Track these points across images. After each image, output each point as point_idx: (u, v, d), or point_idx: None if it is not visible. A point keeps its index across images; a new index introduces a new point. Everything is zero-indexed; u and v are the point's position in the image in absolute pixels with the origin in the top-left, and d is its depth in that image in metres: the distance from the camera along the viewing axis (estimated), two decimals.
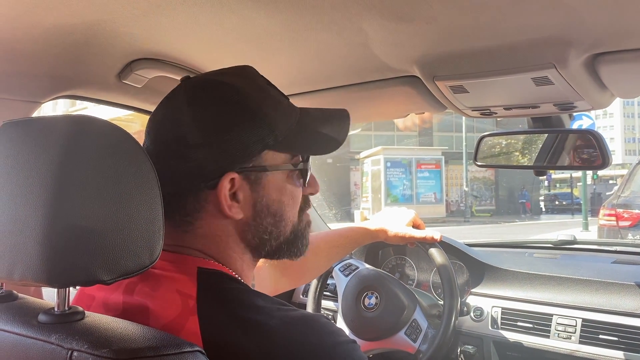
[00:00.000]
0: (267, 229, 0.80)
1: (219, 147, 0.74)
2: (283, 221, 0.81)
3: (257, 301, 0.71)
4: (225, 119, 0.75)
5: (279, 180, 0.80)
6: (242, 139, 0.75)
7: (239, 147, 0.75)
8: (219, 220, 0.77)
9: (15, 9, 0.85)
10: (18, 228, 0.59)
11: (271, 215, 0.80)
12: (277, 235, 0.81)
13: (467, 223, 20.00)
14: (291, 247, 0.85)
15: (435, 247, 1.50)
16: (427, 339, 1.46)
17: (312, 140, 0.83)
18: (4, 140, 0.65)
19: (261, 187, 0.78)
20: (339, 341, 0.70)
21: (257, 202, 0.78)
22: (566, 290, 1.50)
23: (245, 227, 0.79)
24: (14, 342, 0.60)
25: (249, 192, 0.77)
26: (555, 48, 0.95)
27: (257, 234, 0.80)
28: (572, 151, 1.38)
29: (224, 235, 0.78)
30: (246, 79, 0.81)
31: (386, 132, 24.15)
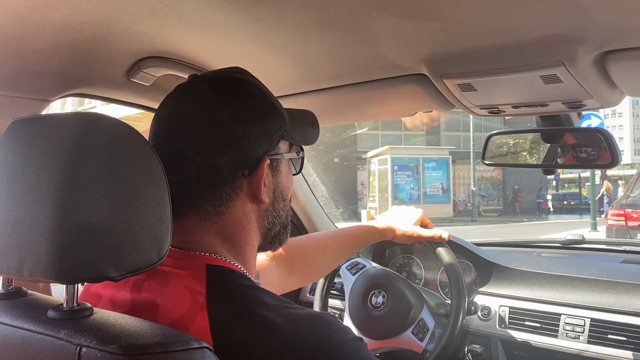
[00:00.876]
0: (279, 213, 0.87)
1: (256, 136, 0.79)
2: (287, 205, 0.89)
3: (266, 299, 0.71)
4: (256, 111, 0.81)
5: (286, 166, 0.88)
6: (270, 129, 0.82)
7: (268, 136, 0.81)
8: (247, 208, 0.82)
9: (24, 7, 0.86)
10: (27, 225, 0.59)
11: (282, 199, 0.87)
12: (283, 219, 0.89)
13: (474, 223, 19.93)
14: (284, 233, 0.91)
15: (442, 246, 1.50)
16: (434, 338, 1.46)
17: (303, 131, 0.91)
18: (13, 137, 0.66)
19: (278, 173, 0.86)
20: (346, 339, 0.70)
21: (276, 187, 0.86)
22: (574, 290, 1.49)
23: (264, 213, 0.85)
24: (24, 338, 0.61)
25: (272, 178, 0.84)
26: (564, 46, 0.95)
27: (272, 219, 0.86)
28: (581, 150, 1.37)
29: (247, 222, 0.83)
30: (252, 77, 0.86)
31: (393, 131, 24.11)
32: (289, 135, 0.86)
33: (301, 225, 2.04)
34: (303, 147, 0.94)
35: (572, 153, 1.38)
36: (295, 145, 0.90)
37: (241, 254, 0.82)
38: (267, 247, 0.90)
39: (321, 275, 1.60)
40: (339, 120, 1.87)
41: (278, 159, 0.85)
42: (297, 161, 0.92)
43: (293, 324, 0.68)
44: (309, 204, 2.02)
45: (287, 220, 0.91)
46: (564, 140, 1.39)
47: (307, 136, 0.93)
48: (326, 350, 0.67)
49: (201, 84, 0.82)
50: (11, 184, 0.62)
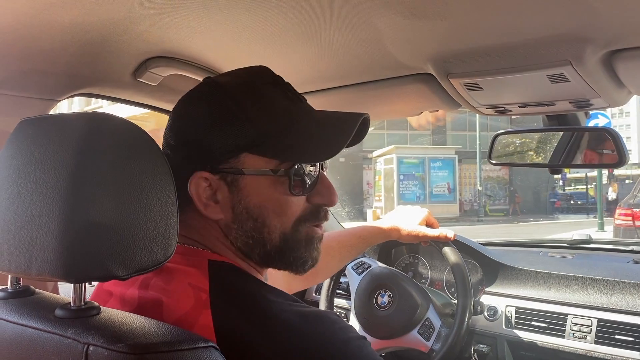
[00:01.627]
0: (249, 234, 0.78)
1: (195, 146, 0.76)
2: (266, 227, 0.78)
3: (269, 296, 0.71)
4: (205, 119, 0.77)
5: (261, 184, 0.77)
6: (218, 140, 0.75)
7: (213, 148, 0.76)
8: (203, 219, 0.78)
9: (33, 7, 0.86)
10: (35, 224, 0.59)
11: (252, 219, 0.77)
12: (262, 241, 0.78)
13: (480, 222, 19.88)
14: (283, 258, 0.81)
15: (448, 246, 1.49)
16: (440, 338, 1.46)
17: (302, 145, 0.77)
18: (21, 137, 0.66)
19: (239, 190, 0.77)
20: (350, 337, 0.70)
21: (236, 204, 0.77)
22: (581, 290, 1.48)
23: (228, 229, 0.79)
24: (32, 336, 0.61)
25: (228, 193, 0.77)
26: (571, 45, 0.94)
27: (240, 238, 0.79)
28: (588, 149, 1.37)
29: (212, 230, 0.79)
30: (243, 79, 0.81)
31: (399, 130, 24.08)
32: (265, 149, 0.76)
33: None
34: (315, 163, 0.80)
35: (579, 153, 1.38)
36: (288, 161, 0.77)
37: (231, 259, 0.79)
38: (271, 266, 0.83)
39: (326, 276, 1.60)
40: None
41: (234, 174, 0.76)
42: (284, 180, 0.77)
43: (297, 321, 0.68)
44: None
45: (283, 244, 0.79)
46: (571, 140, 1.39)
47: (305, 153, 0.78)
48: (330, 348, 0.67)
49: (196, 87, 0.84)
50: (19, 184, 0.63)
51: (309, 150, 0.78)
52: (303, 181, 0.79)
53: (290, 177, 0.77)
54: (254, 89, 0.79)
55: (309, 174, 0.80)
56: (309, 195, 0.81)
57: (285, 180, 0.77)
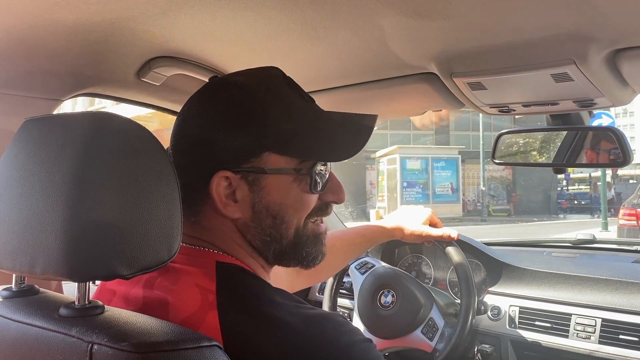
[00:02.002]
0: (267, 231, 0.79)
1: (215, 145, 0.76)
2: (284, 224, 0.80)
3: (276, 297, 0.71)
4: (225, 119, 0.77)
5: (283, 183, 0.78)
6: (239, 139, 0.76)
7: (234, 147, 0.76)
8: (219, 217, 0.78)
9: (37, 7, 0.86)
10: (40, 223, 0.60)
11: (271, 217, 0.79)
12: (279, 237, 0.80)
13: (484, 222, 19.84)
14: (296, 254, 0.83)
15: (452, 246, 1.49)
16: (443, 337, 1.46)
17: (323, 145, 0.80)
18: (25, 136, 0.66)
19: (260, 189, 0.77)
20: (356, 340, 0.70)
21: (256, 203, 0.78)
22: (585, 290, 1.48)
23: (245, 228, 0.79)
24: (36, 335, 0.61)
25: (248, 192, 0.77)
26: (575, 44, 0.94)
27: (258, 236, 0.79)
28: (591, 149, 1.36)
29: (228, 231, 0.79)
30: (258, 79, 0.81)
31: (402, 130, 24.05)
32: (286, 149, 0.77)
33: None
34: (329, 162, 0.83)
35: (583, 152, 1.37)
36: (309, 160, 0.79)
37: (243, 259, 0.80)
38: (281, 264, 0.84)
39: (329, 275, 1.60)
40: None
41: (256, 173, 0.77)
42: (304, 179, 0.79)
43: (303, 323, 0.68)
44: None
45: (297, 239, 0.81)
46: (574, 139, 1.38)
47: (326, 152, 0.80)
48: (336, 351, 0.67)
49: (205, 85, 0.83)
50: (23, 183, 0.63)
51: (330, 150, 0.80)
52: (321, 178, 0.81)
53: (312, 176, 0.79)
54: (272, 88, 0.80)
55: (321, 173, 0.82)
56: (322, 192, 0.83)
57: (306, 178, 0.79)
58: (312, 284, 1.83)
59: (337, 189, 0.86)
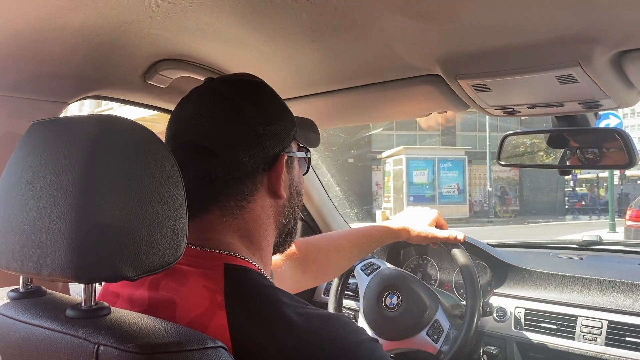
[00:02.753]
0: (294, 209, 0.91)
1: (275, 134, 0.83)
2: (301, 201, 0.93)
3: (283, 298, 0.72)
4: (274, 110, 0.86)
5: (297, 164, 0.91)
6: (287, 127, 0.86)
7: (284, 134, 0.85)
8: (266, 203, 0.85)
9: (44, 11, 0.87)
10: (46, 225, 0.60)
11: (297, 195, 0.91)
12: (296, 215, 0.92)
13: (490, 223, 19.77)
14: (293, 232, 0.93)
15: (458, 247, 1.49)
16: (449, 339, 1.45)
17: (308, 135, 0.95)
18: (33, 139, 0.67)
19: (292, 170, 0.89)
20: (363, 339, 0.70)
21: (291, 183, 0.89)
22: (592, 292, 1.47)
23: (281, 209, 0.88)
24: (43, 336, 0.62)
25: (287, 174, 0.87)
26: (580, 45, 0.94)
27: (288, 215, 0.90)
28: (598, 150, 1.36)
29: (265, 218, 0.85)
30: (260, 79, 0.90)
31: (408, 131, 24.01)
32: (298, 136, 0.90)
33: (315, 226, 2.04)
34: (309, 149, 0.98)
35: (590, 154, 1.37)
36: (303, 146, 0.94)
37: (259, 251, 0.84)
38: (281, 246, 0.92)
39: (335, 275, 1.60)
40: (353, 121, 1.87)
41: (292, 157, 0.88)
42: (305, 161, 0.96)
43: (310, 323, 0.68)
44: (323, 204, 2.03)
45: (298, 216, 0.94)
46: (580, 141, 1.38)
47: (310, 139, 0.97)
48: (343, 351, 0.67)
49: (222, 85, 0.86)
50: (31, 185, 0.63)
51: (312, 139, 0.96)
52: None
53: (310, 159, 0.96)
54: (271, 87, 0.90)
55: None
56: None
57: (306, 161, 0.95)
58: (317, 284, 1.82)
59: None
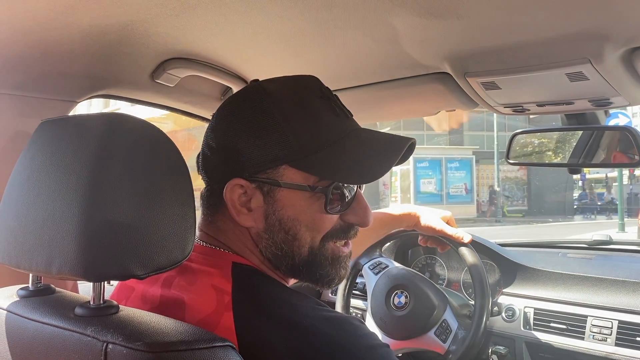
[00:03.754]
0: (279, 245, 0.77)
1: (235, 151, 0.75)
2: (297, 241, 0.77)
3: (292, 299, 0.71)
4: (248, 126, 0.76)
5: (299, 198, 0.76)
6: (258, 149, 0.74)
7: (252, 156, 0.75)
8: (233, 222, 0.78)
9: (52, 10, 0.87)
10: (55, 223, 0.60)
11: (283, 231, 0.77)
12: (291, 254, 0.78)
13: (498, 223, 19.69)
14: (310, 273, 0.80)
15: (466, 247, 1.48)
16: (457, 339, 1.45)
17: (342, 165, 0.76)
18: (42, 137, 0.67)
19: (274, 201, 0.76)
20: (375, 344, 0.69)
21: (269, 214, 0.77)
22: (602, 292, 1.46)
23: (258, 238, 0.79)
24: (52, 334, 0.62)
25: (262, 203, 0.77)
26: (590, 43, 0.93)
27: (270, 248, 0.78)
28: (607, 149, 1.35)
29: (242, 237, 0.79)
30: (289, 88, 0.79)
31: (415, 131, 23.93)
32: (305, 164, 0.75)
33: None
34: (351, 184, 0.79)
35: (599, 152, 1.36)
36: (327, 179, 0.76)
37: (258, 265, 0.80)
38: (300, 279, 0.82)
39: None
40: (361, 119, 1.85)
41: (270, 185, 0.75)
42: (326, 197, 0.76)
43: (319, 326, 0.68)
44: None
45: (311, 258, 0.78)
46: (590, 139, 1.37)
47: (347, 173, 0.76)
48: (355, 354, 0.66)
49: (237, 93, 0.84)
50: (40, 184, 0.64)
51: (351, 172, 0.77)
52: (340, 198, 0.78)
53: (327, 195, 0.76)
54: (301, 100, 0.78)
55: (345, 192, 0.79)
56: (343, 213, 0.80)
57: (322, 196, 0.76)
58: None
59: (361, 211, 0.81)
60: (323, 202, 0.76)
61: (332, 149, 0.76)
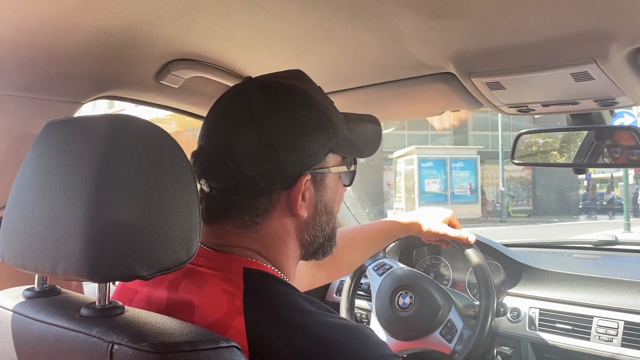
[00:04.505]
0: (322, 227, 0.84)
1: (298, 150, 0.77)
2: (333, 218, 0.86)
3: (304, 305, 0.70)
4: (302, 123, 0.78)
5: (334, 181, 0.84)
6: (316, 142, 0.78)
7: (313, 150, 0.78)
8: (285, 220, 0.80)
9: (57, 12, 0.88)
10: (61, 224, 0.60)
11: (327, 213, 0.84)
12: (327, 232, 0.86)
13: (503, 223, 19.64)
14: (329, 244, 0.88)
15: (471, 247, 1.48)
16: (462, 339, 1.44)
17: (360, 142, 0.87)
18: (47, 139, 0.67)
19: (323, 187, 0.82)
20: (385, 354, 0.69)
21: (319, 201, 0.82)
22: (607, 292, 1.46)
23: (304, 226, 0.82)
24: (58, 335, 0.62)
25: (314, 192, 0.81)
26: (595, 42, 0.92)
27: (313, 232, 0.84)
28: (613, 148, 1.34)
29: (284, 234, 0.81)
30: (308, 83, 0.84)
31: (420, 131, 23.91)
32: (341, 148, 0.83)
33: None
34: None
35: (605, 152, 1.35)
36: (347, 157, 0.87)
37: (278, 262, 0.81)
38: (309, 258, 0.88)
39: (349, 270, 1.59)
40: None
41: (323, 173, 0.81)
42: (348, 174, 0.88)
43: (331, 333, 0.67)
44: None
45: (332, 232, 0.88)
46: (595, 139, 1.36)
47: (363, 148, 0.89)
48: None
49: (252, 89, 0.80)
50: (45, 185, 0.64)
51: (363, 147, 0.89)
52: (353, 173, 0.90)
53: (354, 171, 0.89)
54: (320, 92, 0.84)
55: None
56: None
57: (345, 175, 0.88)
58: (332, 280, 1.82)
59: None
60: (347, 179, 0.88)
61: (350, 130, 0.85)
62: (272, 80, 0.83)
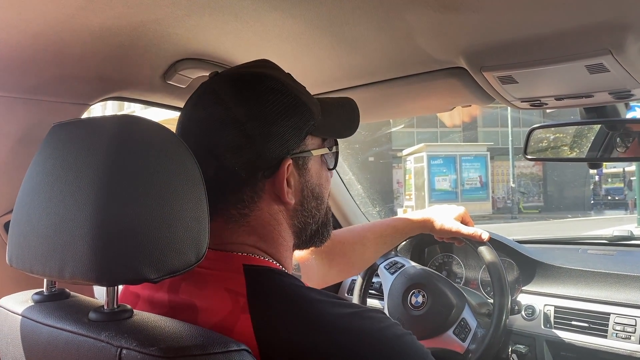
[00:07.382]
0: (312, 212, 0.83)
1: (275, 135, 0.76)
2: (323, 203, 0.86)
3: (312, 295, 0.70)
4: (275, 109, 0.77)
5: (317, 164, 0.84)
6: (292, 126, 0.77)
7: (290, 134, 0.77)
8: (273, 209, 0.79)
9: (63, 13, 0.87)
10: (68, 227, 0.60)
11: (314, 198, 0.83)
12: (318, 218, 0.85)
13: (514, 220, 19.53)
14: (324, 230, 0.88)
15: (484, 244, 1.46)
16: (476, 338, 1.43)
17: (338, 123, 0.87)
18: (54, 141, 0.67)
19: (306, 172, 0.82)
20: (401, 333, 0.69)
21: (304, 186, 0.82)
22: (624, 288, 1.43)
23: (293, 213, 0.82)
24: (67, 339, 0.61)
25: (298, 177, 0.81)
26: (611, 33, 0.90)
27: (303, 218, 0.83)
28: (628, 142, 1.32)
29: (276, 224, 0.80)
30: (276, 70, 0.83)
31: (429, 128, 23.84)
32: (319, 130, 0.82)
33: (336, 223, 2.03)
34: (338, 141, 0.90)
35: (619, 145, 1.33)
36: (328, 139, 0.86)
37: (276, 253, 0.80)
38: (305, 246, 0.88)
39: (361, 268, 1.58)
40: (376, 117, 1.85)
41: (305, 157, 0.81)
42: (331, 157, 0.88)
43: (343, 321, 0.67)
44: (345, 201, 2.02)
45: (326, 218, 0.87)
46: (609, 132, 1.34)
47: (342, 129, 0.89)
48: (382, 344, 0.66)
49: (220, 83, 0.79)
50: (52, 187, 0.63)
51: (341, 128, 0.89)
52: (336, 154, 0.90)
53: (337, 153, 0.88)
54: (290, 77, 0.83)
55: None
56: None
57: (330, 156, 0.87)
58: (344, 278, 1.81)
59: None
60: (330, 162, 0.87)
61: (325, 112, 0.84)
62: (238, 71, 0.83)
